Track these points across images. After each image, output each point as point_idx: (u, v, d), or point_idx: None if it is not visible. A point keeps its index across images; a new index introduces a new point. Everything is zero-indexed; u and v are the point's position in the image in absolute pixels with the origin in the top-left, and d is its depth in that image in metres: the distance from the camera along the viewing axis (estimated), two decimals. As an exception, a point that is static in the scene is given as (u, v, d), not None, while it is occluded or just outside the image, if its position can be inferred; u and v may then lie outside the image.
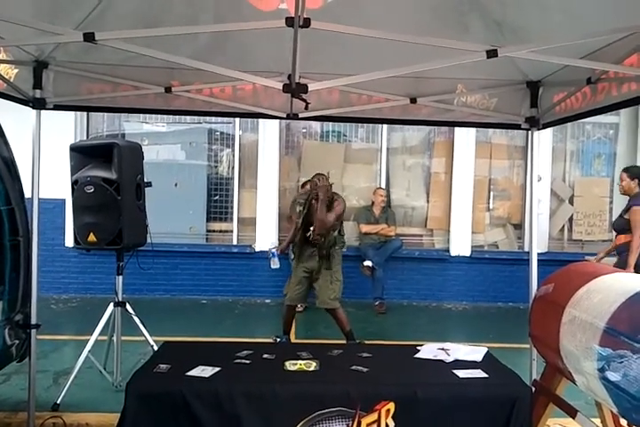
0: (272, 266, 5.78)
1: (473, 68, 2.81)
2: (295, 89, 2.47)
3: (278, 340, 5.55)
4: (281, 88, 2.53)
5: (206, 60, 2.74)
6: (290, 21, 2.26)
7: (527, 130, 3.95)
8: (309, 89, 2.48)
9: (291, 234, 5.73)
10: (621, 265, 5.17)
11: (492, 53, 2.41)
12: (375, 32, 2.46)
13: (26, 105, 3.58)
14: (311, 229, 5.27)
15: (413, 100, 3.87)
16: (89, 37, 2.31)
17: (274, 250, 5.71)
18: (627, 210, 5.29)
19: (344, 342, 5.28)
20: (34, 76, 3.54)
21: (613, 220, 5.86)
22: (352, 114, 4.01)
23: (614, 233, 5.64)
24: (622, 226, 5.32)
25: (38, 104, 3.60)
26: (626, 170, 5.56)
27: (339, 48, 3.22)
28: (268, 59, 3.53)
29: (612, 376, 2.50)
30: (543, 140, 7.84)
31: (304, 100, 2.59)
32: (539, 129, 3.90)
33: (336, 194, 5.42)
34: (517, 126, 3.96)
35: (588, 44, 2.80)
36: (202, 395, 2.89)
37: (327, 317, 5.63)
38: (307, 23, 2.27)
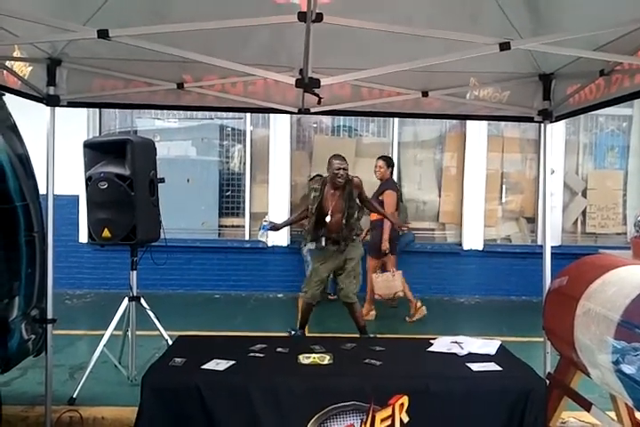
0: (259, 237, 5.82)
1: (485, 60, 2.81)
2: (308, 84, 2.47)
3: (293, 332, 5.57)
4: (293, 83, 2.53)
5: (217, 55, 2.75)
6: (302, 16, 2.25)
7: (540, 122, 3.94)
8: (322, 84, 2.49)
9: (293, 217, 5.75)
10: (375, 238, 6.45)
11: (504, 46, 2.40)
12: (387, 26, 2.46)
13: (40, 102, 3.60)
14: (327, 219, 5.21)
15: (425, 94, 3.86)
16: (103, 34, 2.32)
17: (265, 223, 5.67)
18: (381, 193, 6.43)
19: (356, 335, 5.28)
20: (47, 73, 3.56)
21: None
22: (364, 108, 4.01)
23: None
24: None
25: (52, 101, 3.62)
26: (383, 158, 6.65)
27: (349, 42, 3.20)
28: (279, 53, 3.53)
29: (627, 369, 2.50)
30: (556, 132, 7.78)
31: (317, 95, 2.59)
32: (552, 122, 3.88)
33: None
34: (530, 119, 3.95)
35: (601, 36, 2.78)
36: (217, 388, 2.93)
37: (338, 311, 5.65)
38: (319, 18, 2.27)
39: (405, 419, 2.92)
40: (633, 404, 2.66)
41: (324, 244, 5.29)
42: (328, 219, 5.21)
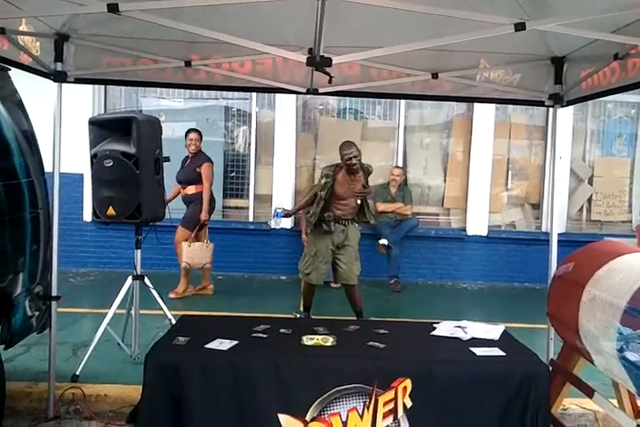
0: (272, 225, 5.79)
1: (497, 41, 2.75)
2: (319, 62, 2.44)
3: (298, 316, 5.55)
4: (305, 61, 2.50)
5: (225, 33, 2.71)
6: (316, -7, 2.22)
7: (550, 107, 3.89)
8: (333, 62, 2.45)
9: (302, 202, 5.65)
10: (188, 214, 6.48)
11: (519, 26, 2.36)
12: (399, 4, 2.41)
13: (47, 78, 3.57)
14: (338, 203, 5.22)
15: (435, 76, 3.82)
16: (113, 8, 2.28)
17: (279, 211, 5.66)
18: (199, 165, 6.42)
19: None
20: (55, 48, 3.53)
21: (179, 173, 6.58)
22: (372, 89, 3.97)
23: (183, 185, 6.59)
24: (193, 178, 6.43)
25: (59, 77, 3.59)
26: (197, 131, 6.61)
27: (359, 20, 3.16)
28: (288, 32, 3.48)
29: (632, 356, 2.50)
30: (563, 119, 7.71)
31: (328, 74, 2.56)
32: (562, 106, 3.84)
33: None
34: (541, 103, 3.89)
35: (617, 18, 2.73)
36: (220, 368, 2.93)
37: (340, 294, 5.64)
38: (332, -6, 2.23)
39: (408, 403, 2.92)
40: (636, 391, 2.65)
41: (330, 226, 5.26)
42: (344, 202, 5.24)
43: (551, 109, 3.95)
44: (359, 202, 5.26)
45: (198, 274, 6.75)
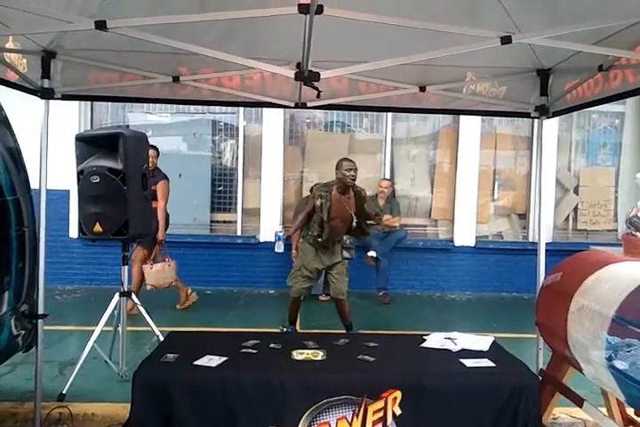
0: (276, 249, 5.77)
1: (484, 55, 2.78)
2: (307, 77, 2.45)
3: (285, 329, 5.55)
4: (293, 76, 2.51)
5: (213, 48, 2.72)
6: (303, 8, 2.22)
7: (536, 118, 3.93)
8: (322, 77, 2.46)
9: (299, 223, 5.54)
10: None
11: (506, 40, 2.39)
12: (387, 18, 2.43)
13: (34, 95, 3.55)
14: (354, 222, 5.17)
15: (422, 89, 3.85)
16: (100, 26, 2.28)
17: (280, 234, 5.67)
18: (155, 183, 6.18)
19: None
20: (42, 65, 3.51)
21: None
22: (361, 102, 4.00)
23: None
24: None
25: (46, 94, 3.57)
26: (154, 147, 6.33)
27: (347, 35, 3.17)
28: (276, 47, 3.50)
29: (620, 365, 2.51)
30: (549, 129, 7.77)
31: (316, 89, 2.57)
32: (548, 117, 3.88)
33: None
34: (527, 115, 3.94)
35: (600, 29, 2.76)
36: (209, 384, 2.91)
37: (329, 308, 5.62)
38: (319, 10, 2.24)
39: (398, 412, 2.93)
40: (625, 399, 2.67)
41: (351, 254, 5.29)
42: (334, 223, 5.19)
43: (537, 120, 3.99)
44: (355, 223, 5.20)
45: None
